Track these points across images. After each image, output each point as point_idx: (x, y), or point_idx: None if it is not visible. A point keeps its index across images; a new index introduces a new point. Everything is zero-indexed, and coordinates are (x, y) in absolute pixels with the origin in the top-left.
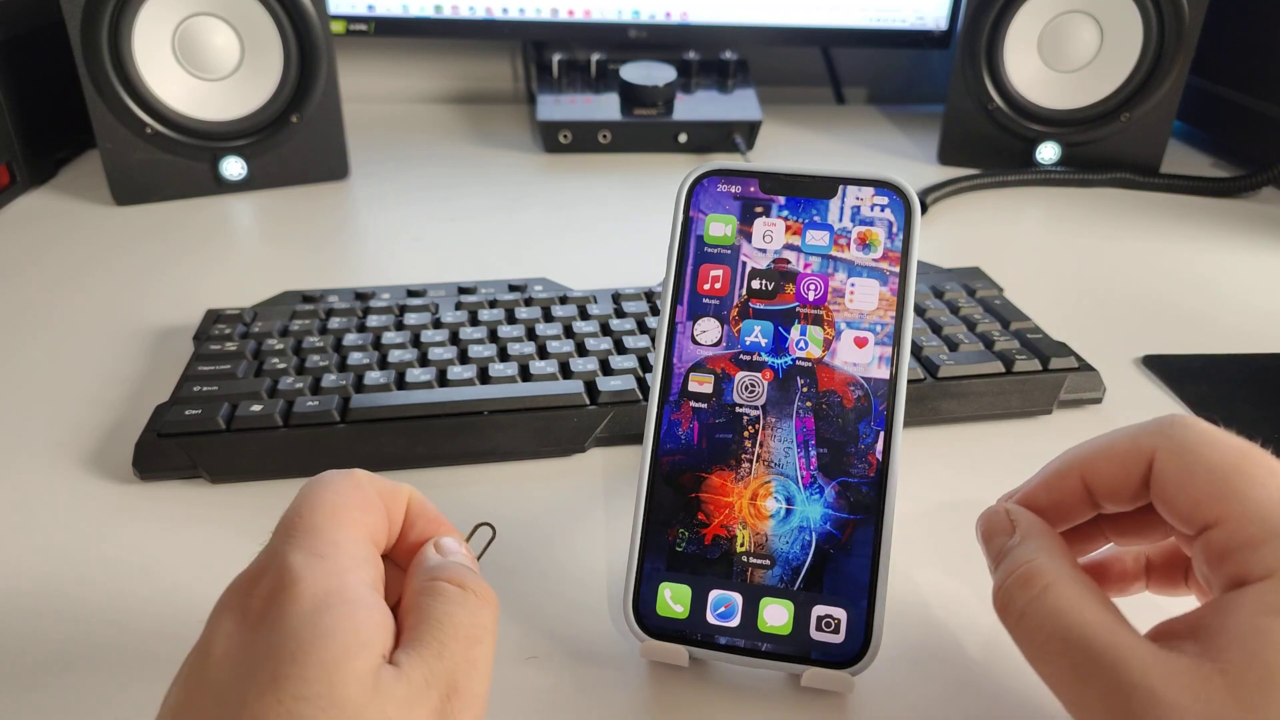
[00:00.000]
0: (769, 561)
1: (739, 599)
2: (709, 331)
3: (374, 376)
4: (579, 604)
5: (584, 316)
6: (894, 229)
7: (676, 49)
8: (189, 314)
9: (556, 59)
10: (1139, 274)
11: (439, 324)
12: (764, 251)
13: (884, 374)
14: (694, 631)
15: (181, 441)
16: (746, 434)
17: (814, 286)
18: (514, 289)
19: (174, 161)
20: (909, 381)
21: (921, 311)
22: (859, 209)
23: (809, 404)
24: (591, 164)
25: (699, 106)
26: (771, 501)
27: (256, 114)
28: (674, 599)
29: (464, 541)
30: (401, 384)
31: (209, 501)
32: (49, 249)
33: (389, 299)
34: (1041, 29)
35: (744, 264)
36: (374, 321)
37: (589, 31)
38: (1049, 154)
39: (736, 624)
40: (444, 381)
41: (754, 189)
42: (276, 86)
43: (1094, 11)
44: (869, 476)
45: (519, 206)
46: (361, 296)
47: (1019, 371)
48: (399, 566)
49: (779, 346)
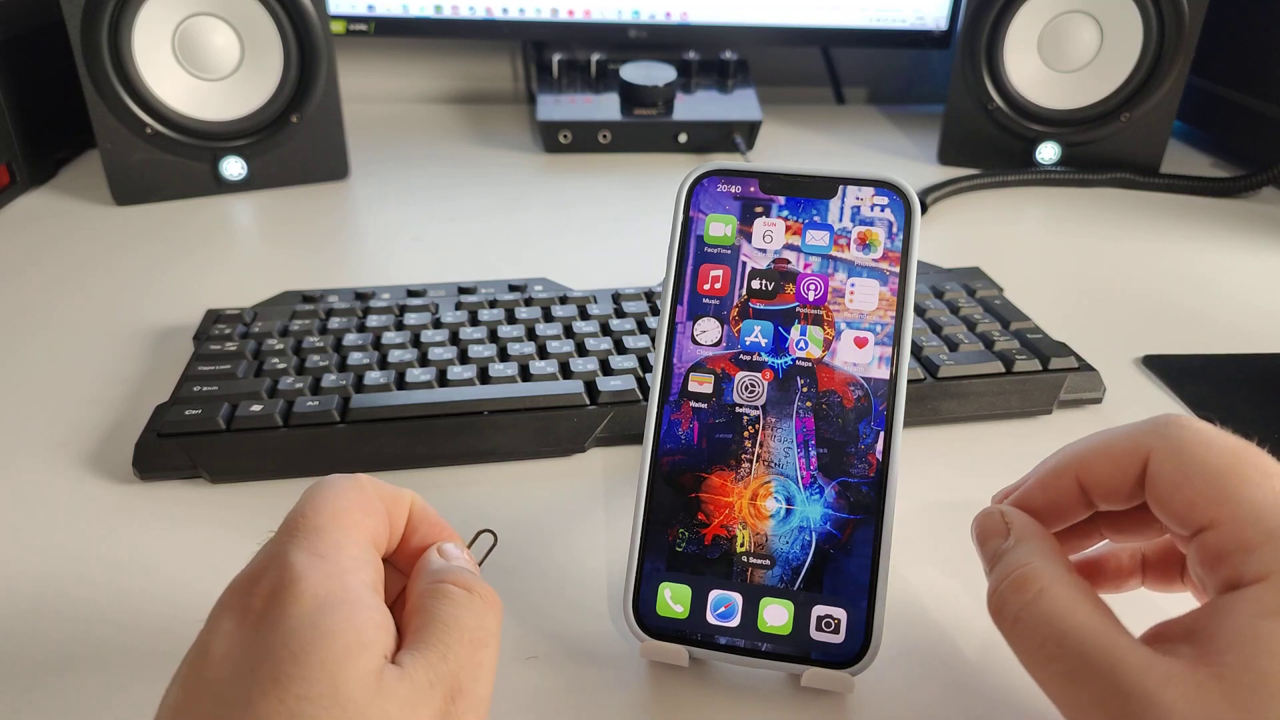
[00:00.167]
0: (769, 561)
1: (739, 599)
2: (709, 331)
3: (374, 376)
4: (579, 604)
5: (584, 316)
6: (894, 229)
7: (676, 49)
8: (189, 314)
9: (556, 59)
10: (1139, 274)
11: (439, 324)
12: (764, 251)
13: (884, 374)
14: (694, 631)
15: (181, 441)
16: (746, 434)
17: (814, 286)
18: (514, 289)
19: (174, 161)
20: (909, 381)
21: (921, 311)
22: (859, 209)
23: (809, 404)
24: (591, 164)
25: (699, 106)
26: (771, 501)
27: (256, 114)
28: (674, 599)
29: (465, 547)
30: (401, 384)
31: (209, 501)
32: (49, 249)
33: (389, 299)
34: (1041, 29)
35: (744, 264)
36: (374, 321)
37: (589, 31)
38: (1049, 154)
39: (736, 624)
40: (444, 381)
41: (754, 189)
42: (276, 86)
43: (1094, 11)
44: (869, 476)
45: (519, 206)
46: (361, 296)
47: (1019, 371)
48: (400, 571)
49: (779, 346)
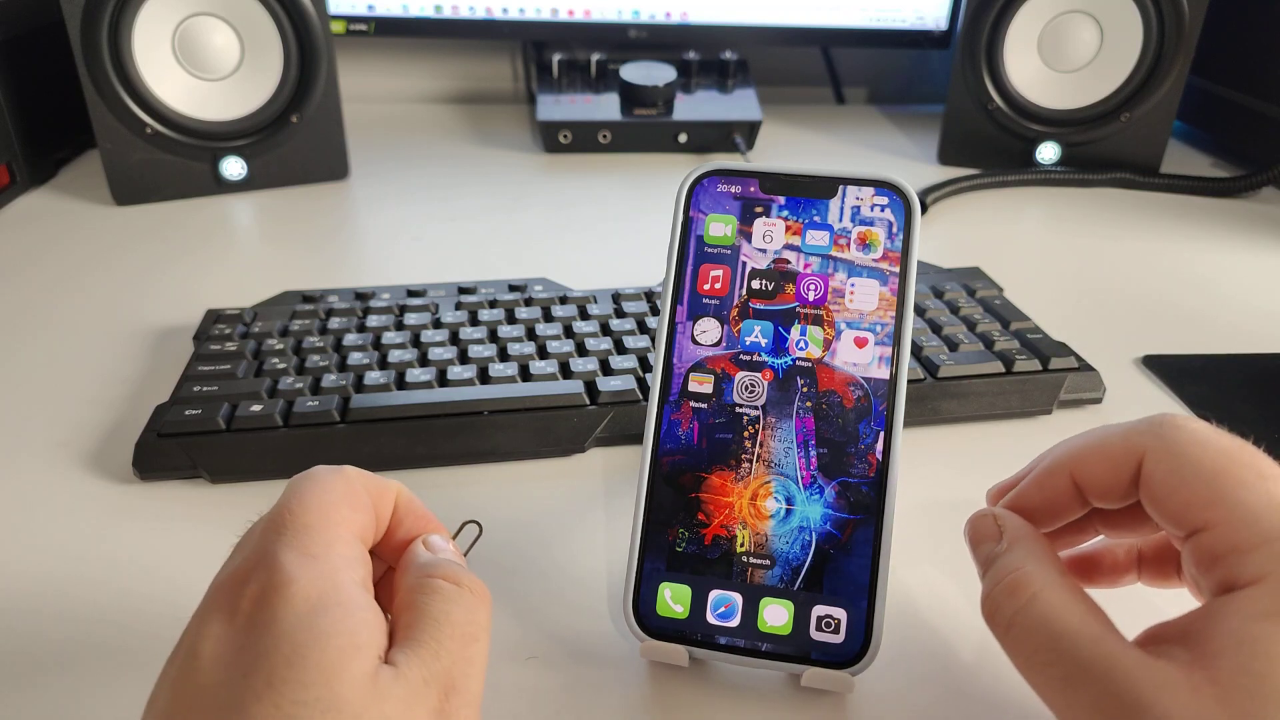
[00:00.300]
0: (769, 561)
1: (739, 599)
2: (709, 331)
3: (374, 376)
4: (579, 604)
5: (584, 316)
6: (894, 229)
7: (676, 49)
8: (189, 314)
9: (556, 59)
10: (1139, 274)
11: (439, 324)
12: (764, 251)
13: (884, 374)
14: (694, 631)
15: (181, 441)
16: (746, 434)
17: (814, 286)
18: (514, 289)
19: (174, 161)
20: (909, 381)
21: (921, 311)
22: (859, 209)
23: (809, 404)
24: (591, 164)
25: (699, 106)
26: (771, 501)
27: (256, 114)
28: (674, 599)
29: (451, 539)
30: (401, 384)
31: (209, 501)
32: (49, 249)
33: (389, 299)
34: (1041, 29)
35: (744, 264)
36: (374, 321)
37: (589, 31)
38: (1049, 154)
39: (736, 624)
40: (444, 381)
41: (754, 189)
42: (276, 86)
43: (1094, 11)
44: (869, 476)
45: (519, 206)
46: (361, 296)
47: (1019, 371)
48: (386, 563)
49: (779, 346)
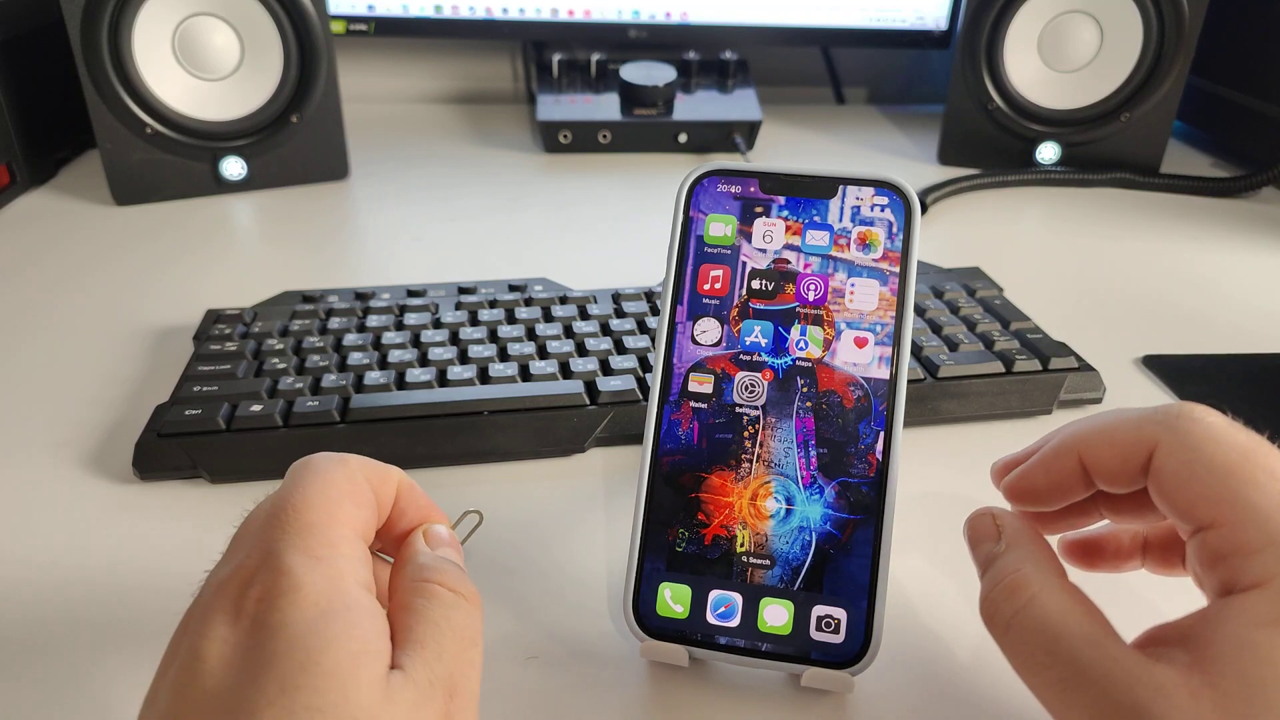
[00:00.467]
0: (769, 561)
1: (739, 599)
2: (709, 331)
3: (374, 376)
4: (579, 604)
5: (584, 316)
6: (894, 229)
7: (676, 49)
8: (189, 314)
9: (556, 59)
10: (1139, 274)
11: (439, 324)
12: (764, 251)
13: (884, 374)
14: (694, 631)
15: (181, 441)
16: (746, 434)
17: (814, 286)
18: (514, 289)
19: (174, 161)
20: (909, 381)
21: (921, 311)
22: (859, 209)
23: (809, 404)
24: (591, 164)
25: (699, 106)
26: (771, 501)
27: (256, 114)
28: (674, 599)
29: (452, 528)
30: (401, 384)
31: (209, 501)
32: (49, 249)
33: (389, 299)
34: (1041, 29)
35: (744, 264)
36: (374, 321)
37: (589, 31)
38: (1049, 154)
39: (736, 624)
40: (444, 381)
41: (754, 189)
42: (276, 86)
43: (1094, 11)
44: (869, 476)
45: (519, 206)
46: (361, 296)
47: (1019, 371)
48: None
49: (779, 346)
